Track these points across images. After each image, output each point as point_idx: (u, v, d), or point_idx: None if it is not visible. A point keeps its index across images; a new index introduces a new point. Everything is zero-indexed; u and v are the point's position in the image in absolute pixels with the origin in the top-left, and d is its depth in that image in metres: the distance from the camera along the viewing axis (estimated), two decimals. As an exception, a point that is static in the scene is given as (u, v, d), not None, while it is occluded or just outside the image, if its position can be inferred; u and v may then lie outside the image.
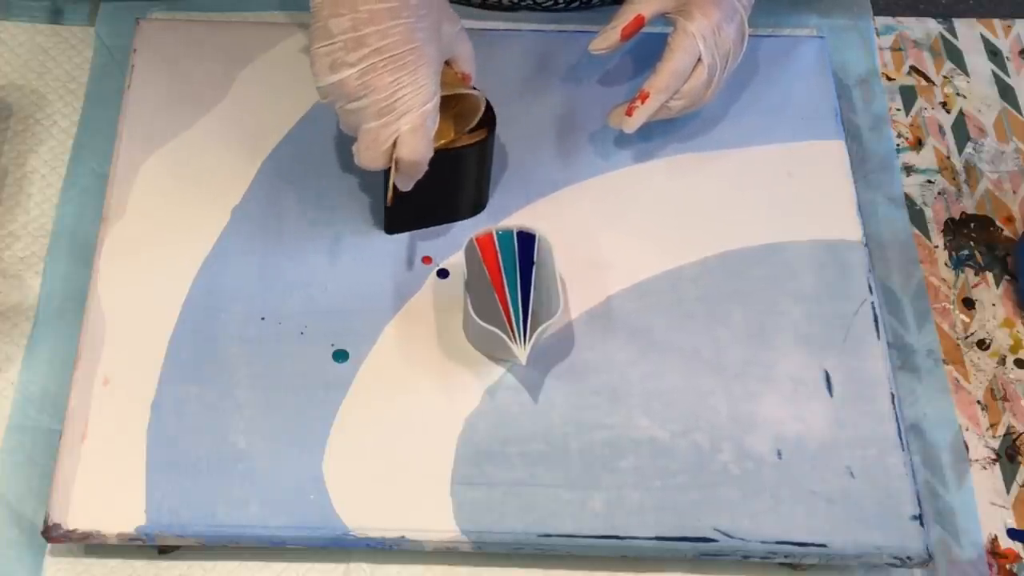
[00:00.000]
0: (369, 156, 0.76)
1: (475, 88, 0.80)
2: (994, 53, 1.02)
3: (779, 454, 0.78)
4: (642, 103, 0.84)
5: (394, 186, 0.79)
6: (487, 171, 0.85)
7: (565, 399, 0.79)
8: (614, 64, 0.94)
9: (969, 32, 1.03)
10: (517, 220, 0.85)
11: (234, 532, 0.74)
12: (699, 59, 0.83)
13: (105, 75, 0.94)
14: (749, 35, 0.93)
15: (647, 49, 0.95)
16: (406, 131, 0.75)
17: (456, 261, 0.83)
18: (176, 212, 0.85)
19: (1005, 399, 0.85)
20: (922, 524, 0.76)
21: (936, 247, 0.92)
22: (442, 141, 0.80)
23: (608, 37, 0.85)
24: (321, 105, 0.89)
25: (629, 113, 0.84)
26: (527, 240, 0.80)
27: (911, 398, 0.84)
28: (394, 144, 0.75)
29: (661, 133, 0.91)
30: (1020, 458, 0.83)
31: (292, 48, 0.93)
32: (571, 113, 0.91)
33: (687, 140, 0.91)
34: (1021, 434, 0.84)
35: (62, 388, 0.79)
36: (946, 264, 0.91)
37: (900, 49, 1.02)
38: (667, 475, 0.77)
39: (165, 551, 0.76)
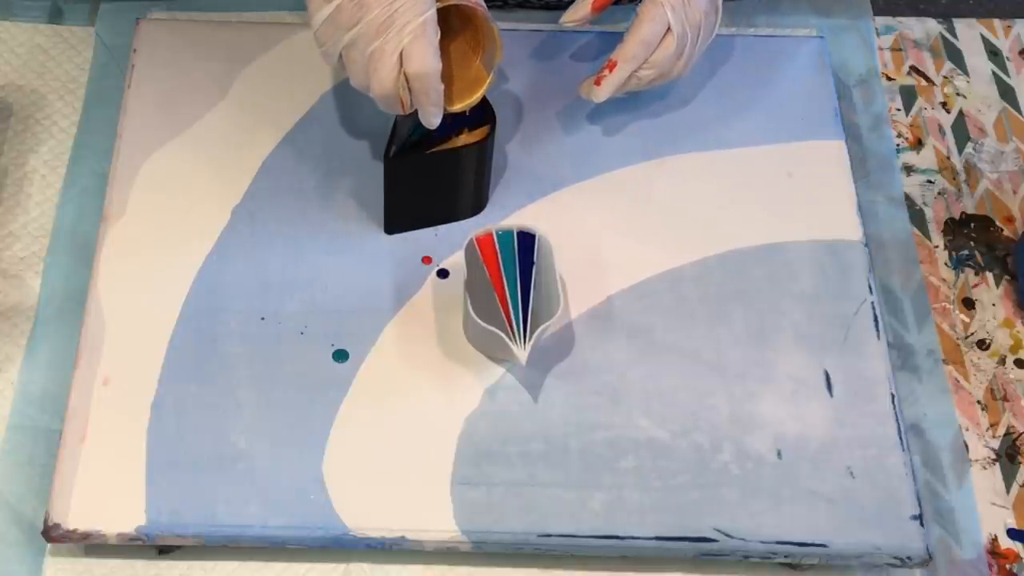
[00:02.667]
0: (379, 81, 0.74)
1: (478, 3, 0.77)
2: (994, 53, 1.02)
3: (779, 454, 0.78)
4: (610, 72, 0.83)
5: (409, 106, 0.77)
6: (487, 171, 0.85)
7: (565, 399, 0.79)
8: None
9: (969, 32, 1.03)
10: (517, 220, 0.85)
11: (234, 532, 0.74)
12: (668, 28, 0.82)
13: (105, 75, 0.94)
14: (750, 35, 0.93)
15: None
16: (408, 42, 0.73)
17: (456, 261, 0.83)
18: (176, 212, 0.85)
19: (1005, 399, 0.85)
20: (922, 524, 0.76)
21: (936, 247, 0.92)
22: (479, 91, 0.79)
23: (579, 9, 0.84)
24: (321, 105, 0.90)
25: (597, 83, 0.84)
26: (527, 240, 0.80)
27: (911, 398, 0.84)
28: (402, 63, 0.74)
29: (661, 133, 0.91)
30: (1020, 458, 0.83)
31: (292, 48, 0.93)
32: (571, 113, 0.91)
33: (687, 140, 0.91)
34: (1021, 434, 0.84)
35: (62, 388, 0.79)
36: (946, 264, 0.91)
37: (900, 49, 1.02)
38: (667, 475, 0.77)
39: (165, 551, 0.76)
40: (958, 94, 0.99)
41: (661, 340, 0.82)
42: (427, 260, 0.84)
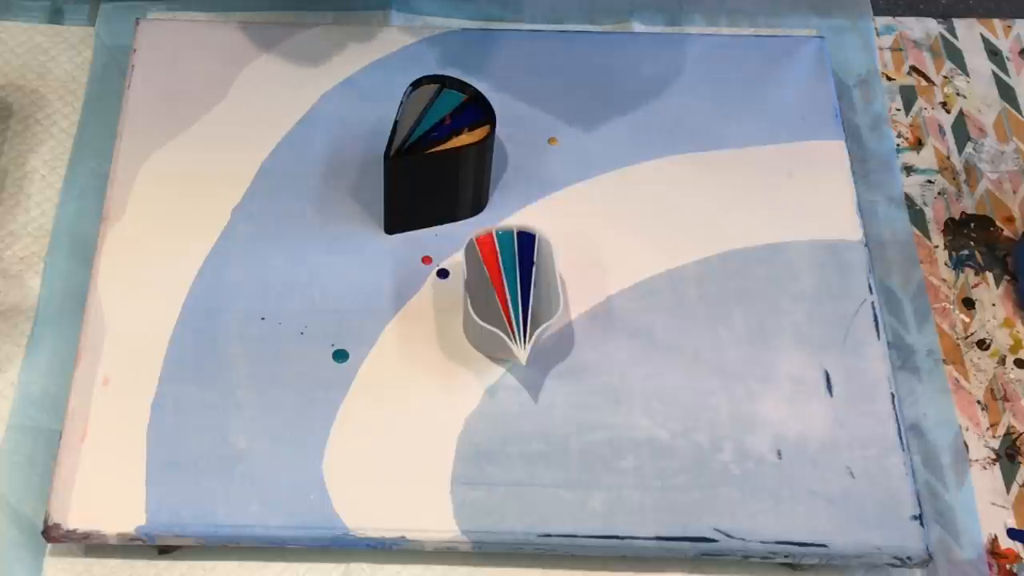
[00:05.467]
0: None
1: None
2: (994, 53, 1.02)
3: (779, 454, 0.78)
4: None
5: None
6: (487, 171, 0.85)
7: (565, 399, 0.79)
8: (614, 64, 0.94)
9: (969, 32, 1.03)
10: (517, 220, 0.85)
11: (234, 532, 0.74)
12: None
13: (105, 75, 0.94)
14: (750, 35, 0.93)
15: (650, 51, 0.95)
16: None
17: (456, 261, 0.83)
18: (176, 212, 0.85)
19: (1005, 399, 0.85)
20: (922, 524, 0.76)
21: (936, 247, 0.92)
22: None
23: None
24: (321, 105, 0.90)
25: None
26: (527, 240, 0.80)
27: (911, 398, 0.84)
28: None
29: (661, 133, 0.91)
30: (1020, 458, 0.83)
31: (292, 48, 0.93)
32: (571, 113, 0.91)
33: (687, 140, 0.91)
34: (1021, 434, 0.84)
35: (62, 388, 0.79)
36: (946, 264, 0.91)
37: (900, 49, 1.02)
38: (667, 475, 0.77)
39: (165, 551, 0.76)
40: (958, 94, 0.99)
41: (661, 340, 0.82)
42: (427, 260, 0.84)
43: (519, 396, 0.79)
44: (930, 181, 0.95)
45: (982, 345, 0.88)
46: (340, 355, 0.80)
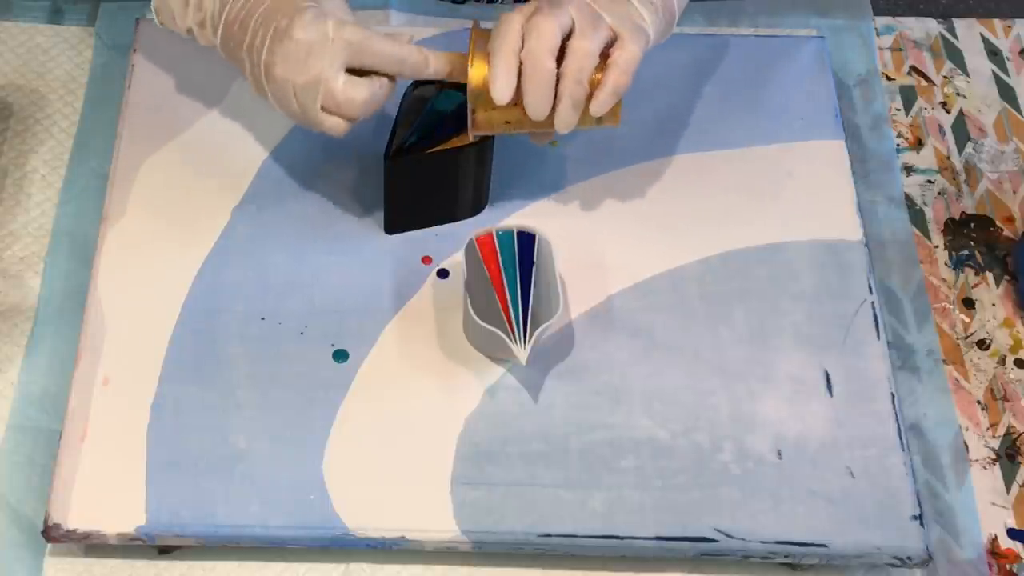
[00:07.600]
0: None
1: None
2: (994, 53, 1.02)
3: (779, 454, 0.78)
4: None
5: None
6: (487, 171, 0.85)
7: (565, 399, 0.79)
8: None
9: (969, 32, 1.03)
10: (517, 220, 0.85)
11: (234, 532, 0.74)
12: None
13: (105, 75, 0.94)
14: (750, 35, 0.93)
15: (650, 51, 0.95)
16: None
17: (456, 261, 0.83)
18: (176, 212, 0.85)
19: (1005, 399, 0.85)
20: (922, 524, 0.76)
21: (936, 247, 0.92)
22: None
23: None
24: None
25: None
26: (527, 240, 0.80)
27: (911, 398, 0.84)
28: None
29: (661, 133, 0.91)
30: (1020, 458, 0.83)
31: (292, 48, 0.93)
32: (571, 113, 0.91)
33: (687, 140, 0.91)
34: (1021, 434, 0.84)
35: (62, 388, 0.79)
36: (946, 264, 0.91)
37: (900, 49, 1.02)
38: (667, 475, 0.77)
39: (165, 551, 0.76)
40: (958, 94, 0.99)
41: (661, 340, 0.82)
42: (427, 260, 0.84)
43: (519, 396, 0.79)
44: (930, 181, 0.95)
45: (982, 345, 0.88)
46: (340, 355, 0.80)
